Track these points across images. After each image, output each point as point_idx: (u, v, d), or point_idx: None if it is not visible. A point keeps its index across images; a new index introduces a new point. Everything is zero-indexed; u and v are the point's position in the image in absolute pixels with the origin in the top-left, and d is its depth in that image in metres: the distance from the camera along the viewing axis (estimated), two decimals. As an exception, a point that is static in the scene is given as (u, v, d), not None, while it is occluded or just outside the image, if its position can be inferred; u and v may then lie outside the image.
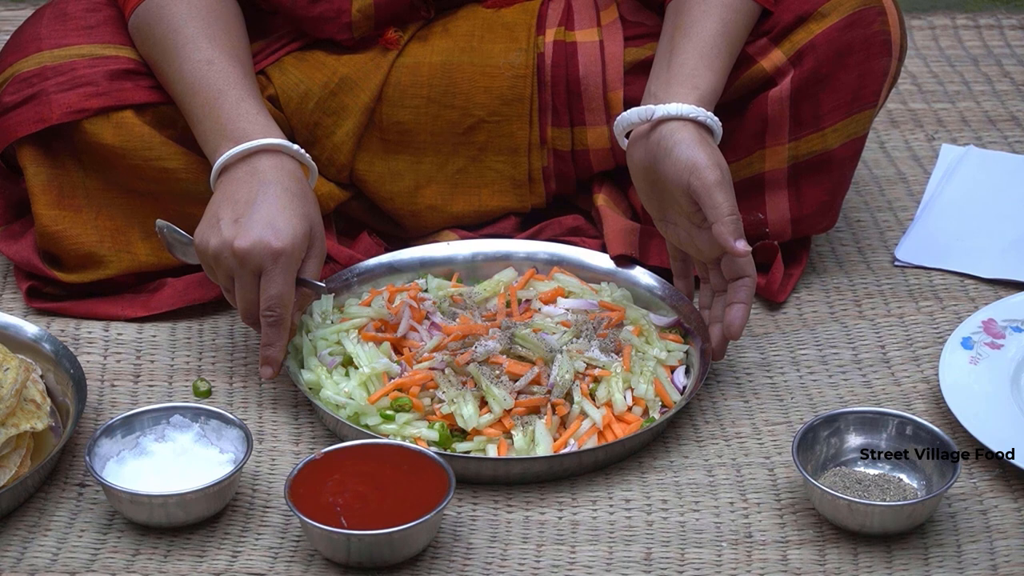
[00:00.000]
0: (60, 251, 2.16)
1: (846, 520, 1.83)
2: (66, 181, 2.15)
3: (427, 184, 2.23)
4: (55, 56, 2.13)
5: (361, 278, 2.15)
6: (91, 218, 2.15)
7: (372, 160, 2.22)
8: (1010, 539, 1.83)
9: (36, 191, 2.14)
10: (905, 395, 2.04)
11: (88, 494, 1.90)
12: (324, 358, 2.00)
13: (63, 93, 2.10)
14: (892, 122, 2.61)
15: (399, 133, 2.20)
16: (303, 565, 1.81)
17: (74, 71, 2.11)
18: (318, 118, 2.18)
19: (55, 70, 2.12)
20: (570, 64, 2.19)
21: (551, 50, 2.20)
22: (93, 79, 2.10)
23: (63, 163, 2.14)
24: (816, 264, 2.27)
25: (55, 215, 2.15)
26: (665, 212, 2.03)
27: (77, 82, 2.10)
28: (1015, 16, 2.93)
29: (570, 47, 2.20)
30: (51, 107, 2.10)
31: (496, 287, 2.11)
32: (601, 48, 2.19)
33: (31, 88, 2.11)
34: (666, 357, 2.02)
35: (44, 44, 2.14)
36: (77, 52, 2.13)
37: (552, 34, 2.20)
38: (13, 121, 2.12)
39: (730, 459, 1.95)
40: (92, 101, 2.10)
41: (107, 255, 2.16)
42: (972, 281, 2.24)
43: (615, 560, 1.82)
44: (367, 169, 2.22)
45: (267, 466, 1.94)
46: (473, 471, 1.90)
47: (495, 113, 2.19)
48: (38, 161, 2.14)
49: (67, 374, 1.98)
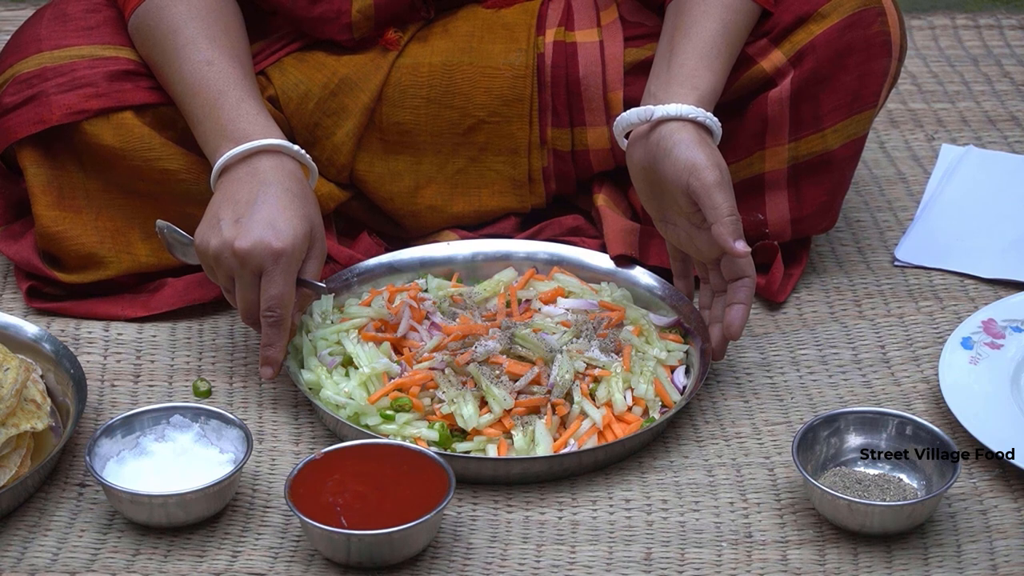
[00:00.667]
0: (60, 252, 2.16)
1: (846, 520, 1.82)
2: (66, 182, 2.15)
3: (427, 184, 2.23)
4: (55, 57, 2.13)
5: (361, 278, 2.16)
6: (91, 219, 2.15)
7: (372, 160, 2.22)
8: (1010, 539, 1.83)
9: (36, 192, 2.14)
10: (905, 395, 2.04)
11: (88, 494, 1.90)
12: (324, 358, 2.00)
13: (63, 94, 2.10)
14: (892, 122, 2.61)
15: (399, 134, 2.20)
16: (303, 565, 1.81)
17: (74, 72, 2.11)
18: (318, 119, 2.18)
19: (55, 71, 2.11)
20: (570, 64, 2.19)
21: (551, 50, 2.20)
22: (93, 80, 2.10)
23: (63, 164, 2.14)
24: (816, 264, 2.27)
25: (55, 216, 2.15)
26: (664, 212, 2.03)
27: (77, 83, 2.10)
28: (1015, 16, 2.93)
29: (570, 47, 2.20)
30: (51, 108, 2.10)
31: (496, 287, 2.11)
32: (601, 48, 2.19)
33: (31, 89, 2.11)
34: (666, 357, 2.02)
35: (44, 45, 2.14)
36: (77, 53, 2.13)
37: (552, 34, 2.20)
38: (13, 122, 2.12)
39: (730, 459, 1.95)
40: (92, 102, 2.10)
41: (107, 256, 2.16)
42: (972, 281, 2.24)
43: (615, 560, 1.82)
44: (367, 169, 2.22)
45: (267, 466, 1.94)
46: (473, 471, 1.90)
47: (495, 113, 2.19)
48: (38, 162, 2.14)
49: (67, 374, 1.98)
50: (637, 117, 1.99)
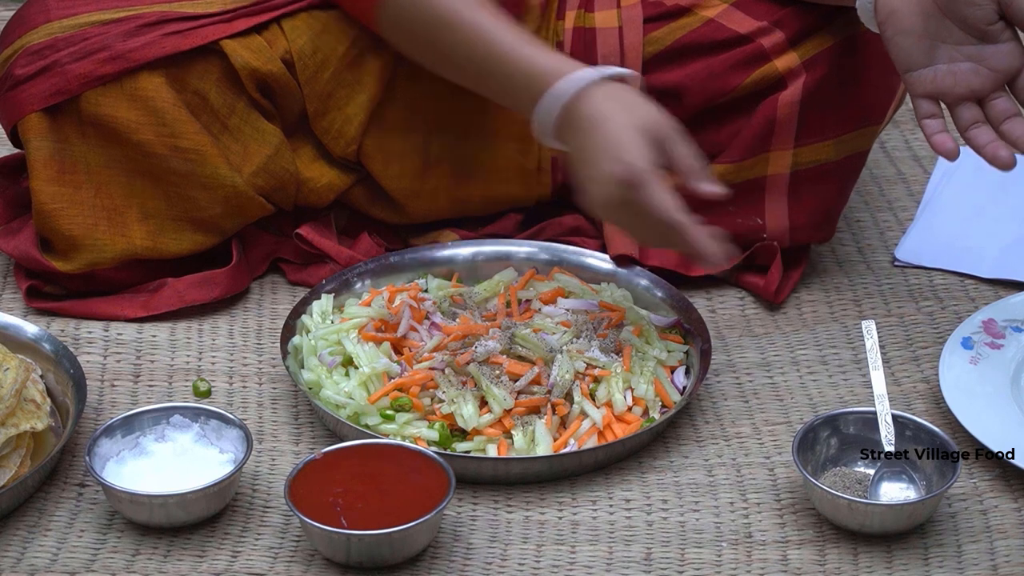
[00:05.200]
0: (54, 232, 2.14)
1: (846, 520, 1.83)
2: (68, 155, 2.13)
3: (436, 165, 2.21)
4: (64, 26, 2.11)
5: (361, 278, 2.16)
6: (90, 196, 2.14)
7: (382, 137, 2.20)
8: (1010, 539, 1.83)
9: (37, 165, 2.13)
10: (905, 395, 2.04)
11: (88, 494, 1.90)
12: (324, 358, 2.00)
13: (77, 62, 2.08)
14: (892, 122, 2.61)
15: (412, 111, 2.19)
16: (303, 565, 1.81)
17: (86, 40, 2.10)
18: (332, 88, 2.17)
19: (67, 40, 2.10)
20: (589, 52, 2.18)
21: (570, 36, 2.19)
22: (105, 43, 2.09)
23: (67, 136, 2.12)
24: (816, 264, 2.27)
25: (53, 192, 2.13)
26: (935, 52, 1.93)
27: (90, 49, 2.09)
28: (1015, 16, 2.93)
29: (589, 34, 2.18)
30: (67, 78, 2.08)
31: (496, 287, 2.11)
32: (620, 36, 2.18)
33: (43, 60, 2.09)
34: (666, 357, 2.02)
35: (52, 15, 2.13)
36: (87, 20, 2.11)
37: (571, 19, 2.19)
38: (27, 94, 2.10)
39: (730, 459, 1.95)
40: (108, 66, 2.08)
41: (101, 238, 2.14)
42: (972, 281, 2.24)
43: (615, 560, 1.82)
44: (376, 146, 2.20)
45: (267, 466, 1.95)
46: (473, 471, 1.90)
47: None
48: (43, 134, 2.12)
49: (67, 374, 1.98)
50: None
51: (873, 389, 1.89)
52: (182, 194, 2.13)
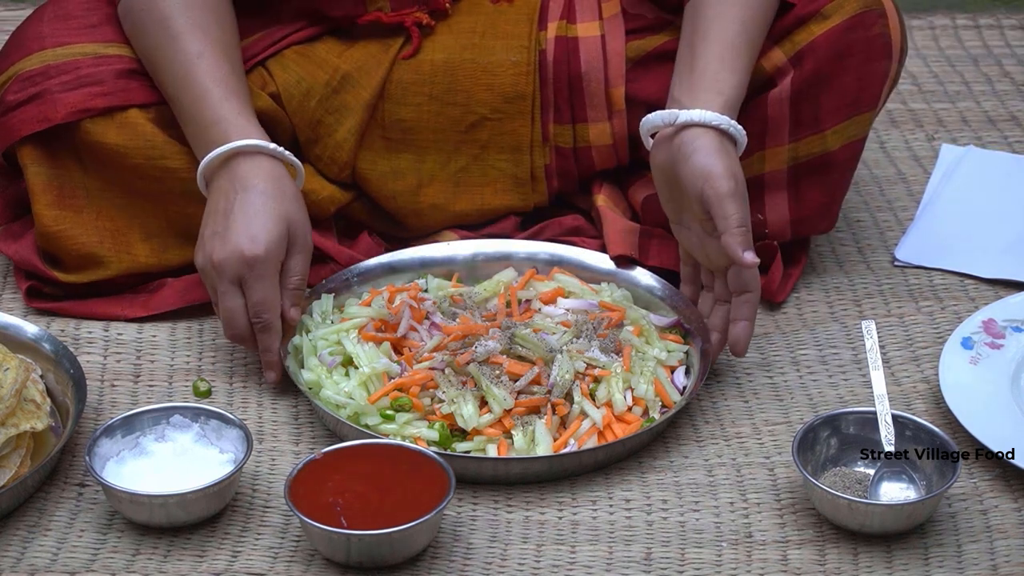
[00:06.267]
0: (60, 251, 2.16)
1: (846, 520, 1.82)
2: (67, 181, 2.15)
3: (430, 183, 2.23)
4: (58, 55, 2.13)
5: (361, 278, 2.16)
6: (92, 219, 2.15)
7: (374, 159, 2.22)
8: (1010, 539, 1.83)
9: (36, 191, 2.14)
10: (905, 395, 2.04)
11: (88, 494, 1.90)
12: (324, 358, 2.00)
13: (68, 92, 2.10)
14: (892, 122, 2.61)
15: (401, 131, 2.20)
16: (303, 565, 1.81)
17: (79, 70, 2.11)
18: (320, 116, 2.18)
19: (59, 69, 2.11)
20: (572, 60, 2.19)
21: (552, 46, 2.20)
22: (99, 78, 2.10)
23: (64, 163, 2.14)
24: (816, 264, 2.27)
25: (56, 215, 2.15)
26: (680, 216, 2.03)
27: (82, 81, 2.10)
28: (1015, 16, 2.93)
29: (571, 43, 2.20)
30: (55, 106, 2.10)
31: (496, 287, 2.11)
32: (603, 43, 2.19)
33: (35, 87, 2.11)
34: (666, 357, 2.02)
35: (47, 43, 2.14)
36: (80, 51, 2.13)
37: (554, 29, 2.20)
38: (16, 120, 2.12)
39: (730, 459, 1.95)
40: (97, 100, 2.10)
41: (107, 256, 2.16)
42: (972, 281, 2.24)
43: (615, 560, 1.82)
44: (369, 168, 2.22)
45: (267, 466, 1.94)
46: (473, 471, 1.90)
47: (497, 110, 2.19)
48: (39, 160, 2.14)
49: (67, 374, 1.98)
50: (661, 120, 1.99)
51: (873, 389, 1.90)
52: (181, 212, 2.14)
